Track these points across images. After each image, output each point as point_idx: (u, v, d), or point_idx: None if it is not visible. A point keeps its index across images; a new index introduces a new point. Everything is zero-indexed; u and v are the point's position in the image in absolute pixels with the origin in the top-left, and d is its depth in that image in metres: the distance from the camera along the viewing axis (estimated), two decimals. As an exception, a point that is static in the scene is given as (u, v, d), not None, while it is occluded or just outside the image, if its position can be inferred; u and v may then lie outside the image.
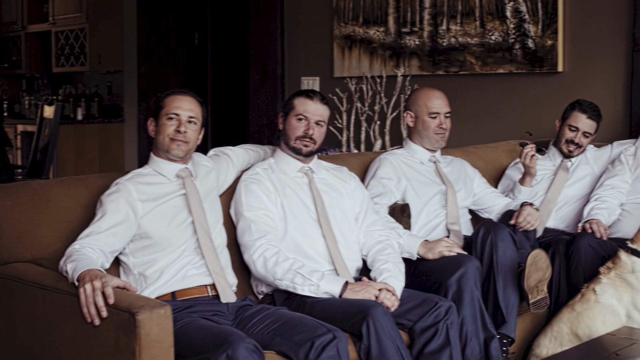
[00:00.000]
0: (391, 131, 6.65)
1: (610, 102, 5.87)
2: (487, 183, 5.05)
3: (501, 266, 4.23)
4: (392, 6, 6.94)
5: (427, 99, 4.77)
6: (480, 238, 4.31)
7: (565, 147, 5.24)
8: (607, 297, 4.00)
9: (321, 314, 3.63)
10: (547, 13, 6.08)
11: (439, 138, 4.76)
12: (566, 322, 4.16)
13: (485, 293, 4.26)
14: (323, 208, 4.07)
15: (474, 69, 6.51)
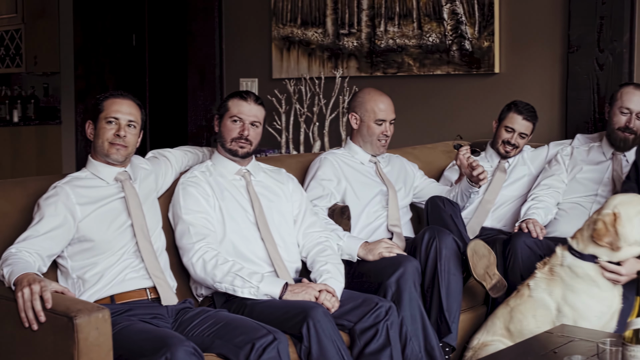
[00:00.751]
0: (330, 132, 6.66)
1: (547, 103, 5.93)
2: (425, 175, 5.11)
3: (445, 274, 4.28)
4: (330, 8, 6.95)
5: (375, 104, 4.78)
6: (425, 243, 4.34)
7: (502, 148, 5.29)
8: (540, 292, 4.03)
9: (261, 316, 3.63)
10: (484, 15, 6.13)
11: (381, 145, 4.78)
12: (500, 317, 4.20)
13: (430, 298, 4.30)
14: (261, 211, 4.07)
15: (411, 71, 6.54)
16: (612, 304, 3.96)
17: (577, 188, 5.07)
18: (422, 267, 4.31)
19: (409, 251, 4.42)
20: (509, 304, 4.19)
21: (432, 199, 4.77)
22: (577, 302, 3.94)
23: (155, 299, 3.70)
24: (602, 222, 3.89)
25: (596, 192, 4.97)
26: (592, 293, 3.94)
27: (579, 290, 3.95)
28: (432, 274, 4.29)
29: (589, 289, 3.93)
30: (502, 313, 4.20)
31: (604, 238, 3.87)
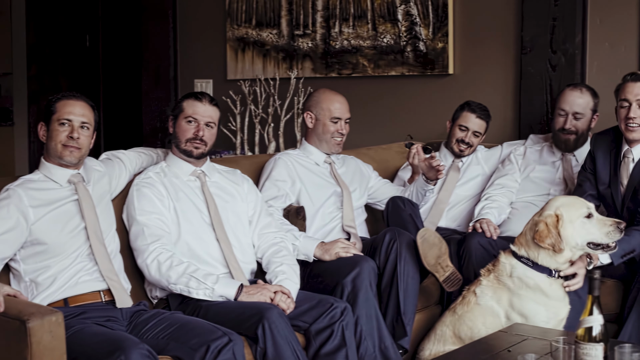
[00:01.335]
0: (285, 133, 6.66)
1: (500, 103, 5.98)
2: (379, 176, 5.12)
3: (404, 276, 4.31)
4: (284, 9, 6.95)
5: (330, 103, 4.79)
6: (385, 244, 4.36)
7: (456, 147, 5.32)
8: (487, 299, 4.03)
9: (216, 318, 3.62)
10: (438, 16, 6.16)
11: (337, 143, 4.78)
12: (448, 325, 4.19)
13: (387, 299, 4.32)
14: (216, 211, 4.06)
15: (366, 71, 6.56)
16: (560, 313, 3.98)
17: (530, 187, 5.11)
18: (381, 267, 4.34)
19: (367, 252, 4.43)
20: (456, 311, 4.18)
21: (392, 199, 4.79)
22: (525, 309, 3.95)
23: (110, 301, 3.69)
24: (544, 224, 3.88)
25: (549, 192, 5.02)
26: (540, 300, 3.96)
27: (526, 297, 3.95)
28: (391, 275, 4.31)
29: (536, 296, 3.95)
30: (451, 321, 4.19)
31: (545, 240, 3.86)
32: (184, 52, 7.66)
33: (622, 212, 4.49)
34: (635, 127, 4.41)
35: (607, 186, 4.58)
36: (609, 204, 4.58)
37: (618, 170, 4.53)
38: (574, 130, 4.99)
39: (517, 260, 4.00)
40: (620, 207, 4.51)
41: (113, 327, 3.53)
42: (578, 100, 4.98)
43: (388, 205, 4.78)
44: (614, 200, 4.53)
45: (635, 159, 4.49)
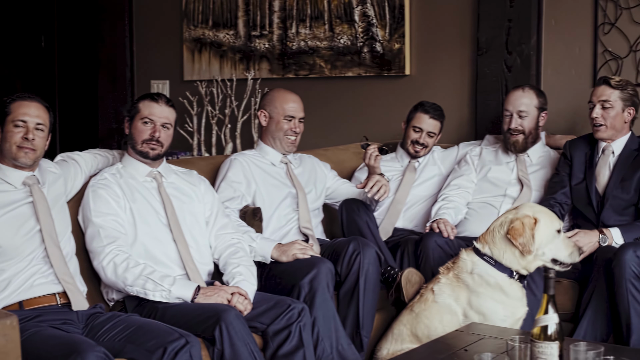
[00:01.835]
0: (242, 134, 6.65)
1: (457, 104, 6.01)
2: (337, 175, 5.12)
3: (366, 291, 4.34)
4: (241, 9, 6.94)
5: (284, 101, 4.79)
6: (349, 254, 4.37)
7: (411, 148, 5.34)
8: (445, 297, 4.06)
9: (173, 320, 3.61)
10: (395, 17, 6.18)
11: (290, 142, 4.78)
12: (406, 324, 4.20)
13: (346, 311, 4.35)
14: (173, 212, 4.04)
15: (323, 72, 6.56)
16: (517, 312, 4.01)
17: (486, 188, 5.14)
18: (342, 276, 4.37)
19: (329, 257, 4.44)
20: (413, 309, 4.20)
21: (346, 202, 4.81)
22: (483, 307, 3.98)
23: (65, 304, 3.66)
24: (521, 223, 3.93)
25: (505, 192, 5.05)
26: (499, 299, 3.98)
27: (485, 295, 3.98)
28: (352, 287, 4.34)
29: (496, 295, 3.98)
30: (408, 319, 4.20)
31: (518, 238, 3.90)
32: (141, 53, 7.62)
33: (597, 203, 4.69)
34: (599, 126, 4.68)
35: (582, 180, 4.78)
36: (581, 198, 4.76)
37: (594, 165, 4.73)
38: (520, 129, 5.04)
39: (480, 257, 4.03)
40: (598, 198, 4.69)
41: (69, 330, 3.50)
42: (520, 100, 5.05)
43: (341, 209, 4.80)
44: (588, 192, 4.73)
45: (615, 152, 4.72)
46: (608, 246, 4.37)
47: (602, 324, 4.22)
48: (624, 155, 4.71)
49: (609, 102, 4.66)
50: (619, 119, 4.69)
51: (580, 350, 2.95)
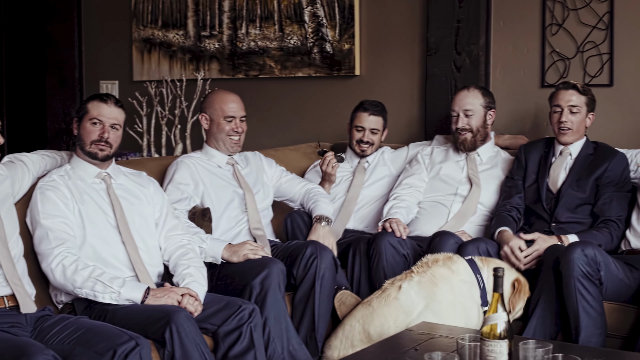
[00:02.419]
0: (192, 135, 6.61)
1: (406, 104, 6.03)
2: (284, 171, 5.11)
3: (321, 295, 4.36)
4: (191, 9, 6.91)
5: (223, 102, 4.78)
6: (305, 259, 4.39)
7: (357, 148, 5.37)
8: (410, 295, 4.05)
9: (123, 322, 3.59)
10: (344, 18, 6.19)
11: (234, 143, 4.77)
12: (359, 320, 4.17)
13: (301, 315, 4.36)
14: (122, 214, 4.01)
15: (273, 73, 6.56)
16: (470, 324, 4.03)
17: (438, 186, 5.17)
18: (298, 280, 4.39)
19: (283, 258, 4.45)
20: (371, 304, 4.18)
21: (291, 216, 4.83)
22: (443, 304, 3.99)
23: (14, 307, 3.62)
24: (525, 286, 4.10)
25: (456, 191, 5.08)
26: (458, 307, 4.00)
27: (460, 304, 4.00)
28: (308, 291, 4.37)
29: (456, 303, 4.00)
30: (363, 315, 4.18)
31: (519, 301, 4.05)
32: (89, 53, 7.56)
33: (550, 201, 4.79)
34: (567, 130, 4.77)
35: (535, 181, 4.87)
36: (534, 197, 4.86)
37: (548, 165, 4.84)
38: (468, 128, 5.10)
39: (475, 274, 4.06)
40: (551, 195, 4.79)
41: (17, 333, 3.47)
42: (466, 99, 5.12)
43: (286, 222, 4.82)
44: (539, 193, 4.82)
45: (573, 154, 4.81)
46: (556, 245, 4.42)
47: (551, 322, 4.26)
48: (581, 158, 4.81)
49: (577, 107, 4.75)
50: (582, 125, 4.81)
51: (529, 348, 2.97)
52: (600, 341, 4.12)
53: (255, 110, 6.29)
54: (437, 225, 4.94)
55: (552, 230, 4.69)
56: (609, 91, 5.34)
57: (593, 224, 4.69)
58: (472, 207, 5.00)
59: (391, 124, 5.65)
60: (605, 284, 4.17)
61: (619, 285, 4.25)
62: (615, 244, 4.62)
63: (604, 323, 4.16)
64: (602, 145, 4.86)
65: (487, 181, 5.08)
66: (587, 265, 4.09)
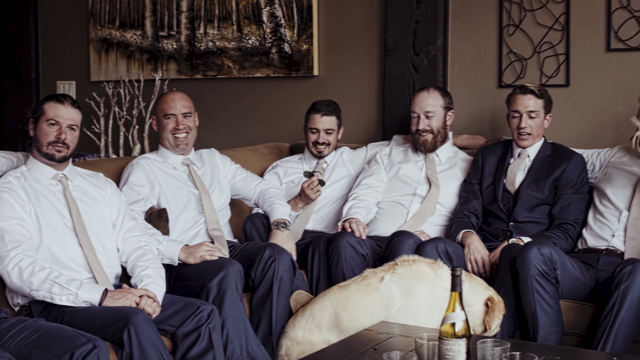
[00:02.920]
0: (150, 135, 6.58)
1: (365, 104, 6.04)
2: (239, 169, 5.10)
3: (279, 297, 4.37)
4: (149, 9, 6.88)
5: (164, 101, 4.83)
6: (264, 261, 4.39)
7: (314, 150, 5.38)
8: (392, 288, 4.00)
9: (81, 324, 3.56)
10: (303, 18, 6.19)
11: (179, 141, 4.76)
12: (333, 302, 4.10)
13: (258, 317, 4.37)
14: (79, 216, 3.99)
15: (231, 73, 6.54)
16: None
17: (397, 186, 5.18)
18: (256, 283, 4.40)
19: (242, 260, 4.45)
20: (349, 288, 4.10)
21: (251, 219, 4.83)
22: (418, 311, 3.99)
23: (-30, 310, 3.59)
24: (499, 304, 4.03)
25: (414, 192, 5.10)
26: (436, 311, 4.00)
27: (424, 301, 3.99)
28: (266, 294, 4.37)
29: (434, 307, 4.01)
30: (338, 297, 4.10)
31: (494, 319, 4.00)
32: (46, 52, 7.50)
33: (508, 201, 4.85)
34: (526, 135, 4.81)
35: (492, 183, 4.93)
36: (492, 198, 4.90)
37: (505, 166, 4.90)
38: (429, 129, 5.13)
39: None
40: (508, 196, 4.85)
41: (-27, 337, 3.44)
42: (426, 100, 5.14)
43: (246, 227, 4.82)
44: (495, 194, 4.88)
45: (531, 156, 4.87)
46: (513, 244, 4.45)
47: (508, 321, 4.29)
48: (539, 159, 4.87)
49: (535, 112, 4.81)
50: (541, 127, 4.87)
51: (487, 347, 2.99)
52: (557, 339, 4.15)
53: (213, 110, 6.28)
54: (396, 226, 4.95)
55: (509, 229, 4.73)
56: (566, 91, 5.38)
57: (551, 224, 4.74)
58: (431, 208, 5.02)
59: (349, 125, 5.67)
60: (561, 283, 4.21)
61: (575, 284, 4.29)
62: (571, 246, 4.67)
63: (561, 321, 4.20)
64: (560, 146, 4.91)
65: (446, 182, 5.10)
66: (544, 264, 4.12)
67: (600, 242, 4.60)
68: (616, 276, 4.09)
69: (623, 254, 4.49)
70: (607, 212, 4.64)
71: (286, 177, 5.42)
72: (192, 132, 4.81)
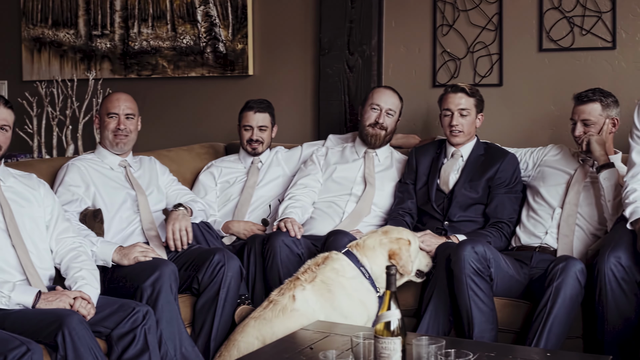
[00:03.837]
0: (84, 136, 6.53)
1: (300, 104, 6.05)
2: (175, 181, 5.08)
3: (225, 303, 4.36)
4: (82, 8, 6.81)
5: (108, 101, 4.81)
6: (212, 266, 4.37)
7: (249, 147, 5.38)
8: (310, 304, 4.00)
9: (14, 327, 3.51)
10: (238, 17, 6.18)
11: (119, 141, 4.74)
12: (258, 337, 4.00)
13: (202, 323, 4.35)
14: (11, 217, 3.93)
15: (166, 73, 6.51)
16: (372, 314, 4.05)
17: (333, 187, 5.19)
18: (203, 286, 4.38)
19: (189, 262, 4.45)
20: (266, 318, 4.01)
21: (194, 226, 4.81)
22: (350, 308, 3.98)
23: None
24: (399, 247, 4.06)
25: (350, 191, 5.12)
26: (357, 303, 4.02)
27: (356, 299, 4.00)
28: (213, 297, 4.35)
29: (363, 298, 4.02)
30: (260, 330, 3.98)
31: (399, 259, 4.03)
32: (-23, 52, 7.40)
33: (443, 201, 4.89)
34: (458, 133, 4.86)
35: (425, 183, 4.97)
36: (426, 198, 4.94)
37: (439, 166, 4.94)
38: (385, 126, 5.15)
39: (357, 268, 4.07)
40: (443, 195, 4.89)
41: None
42: (391, 99, 5.20)
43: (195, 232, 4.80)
44: (429, 194, 4.92)
45: (464, 156, 4.92)
46: (448, 243, 4.49)
47: (444, 319, 4.32)
48: (472, 159, 4.92)
49: (466, 109, 4.85)
50: (473, 126, 4.91)
51: (423, 345, 3.02)
52: (492, 336, 4.19)
53: (148, 110, 6.23)
54: (331, 225, 4.97)
55: (445, 228, 4.77)
56: (499, 91, 5.45)
57: (485, 222, 4.79)
58: (367, 207, 5.05)
59: (285, 124, 5.67)
60: (495, 280, 4.25)
61: (509, 281, 4.33)
62: (505, 244, 4.73)
63: (496, 318, 4.24)
64: (493, 146, 4.97)
65: (382, 182, 5.13)
66: (478, 262, 4.16)
67: (534, 240, 4.66)
68: (549, 273, 4.15)
69: (556, 251, 4.55)
70: (540, 210, 4.70)
71: (221, 177, 5.41)
72: (133, 134, 4.80)
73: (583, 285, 4.11)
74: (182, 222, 4.56)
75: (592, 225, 4.58)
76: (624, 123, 4.67)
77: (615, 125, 4.63)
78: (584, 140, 4.57)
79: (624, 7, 5.15)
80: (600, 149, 4.51)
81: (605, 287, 3.96)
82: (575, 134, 4.62)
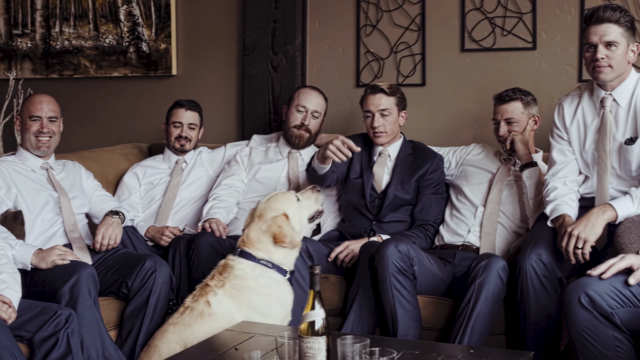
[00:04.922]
0: (4, 137, 6.43)
1: (224, 104, 6.04)
2: (99, 187, 5.03)
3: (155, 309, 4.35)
4: (1, 7, 6.71)
5: (30, 103, 4.74)
6: (144, 270, 4.35)
7: (177, 144, 5.36)
8: (227, 307, 3.95)
9: None
10: (161, 17, 6.14)
11: (42, 143, 4.69)
12: (179, 342, 3.90)
13: (131, 325, 4.33)
14: None
15: (88, 73, 6.44)
16: (288, 304, 4.05)
17: (257, 187, 5.20)
18: (133, 292, 4.35)
19: (116, 263, 4.44)
20: (184, 323, 3.92)
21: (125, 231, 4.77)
22: (268, 307, 3.97)
23: None
24: (277, 226, 4.00)
25: (274, 191, 5.12)
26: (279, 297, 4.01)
27: (271, 296, 3.99)
28: (143, 303, 4.33)
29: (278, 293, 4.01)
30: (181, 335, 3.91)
31: (285, 239, 3.98)
32: None
33: (374, 201, 4.90)
34: (381, 133, 4.87)
35: (359, 176, 4.97)
36: (358, 193, 4.96)
37: (371, 165, 4.96)
38: (310, 128, 5.18)
39: (257, 263, 4.03)
40: (375, 195, 4.90)
41: None
42: (318, 100, 5.22)
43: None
44: (363, 187, 4.92)
45: (392, 156, 4.95)
46: (372, 242, 4.52)
47: (368, 317, 4.35)
48: (400, 159, 4.95)
49: (387, 110, 4.86)
50: (395, 125, 4.92)
51: (347, 344, 3.02)
52: (416, 334, 4.23)
53: (70, 111, 6.14)
54: (258, 225, 4.97)
55: (373, 228, 4.80)
56: (422, 90, 5.49)
57: (412, 222, 4.83)
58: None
59: (208, 124, 5.65)
60: (419, 278, 4.28)
61: (433, 279, 4.37)
62: (430, 244, 4.77)
63: (420, 316, 4.27)
64: (420, 145, 5.01)
65: (307, 182, 5.13)
66: (401, 261, 4.19)
67: (457, 238, 4.71)
68: (472, 271, 4.20)
69: (478, 249, 4.61)
70: (463, 209, 4.76)
71: (145, 178, 5.38)
72: (56, 136, 4.74)
73: (505, 282, 4.16)
74: (115, 230, 4.55)
75: (514, 223, 4.65)
76: (544, 122, 4.74)
77: (536, 122, 4.70)
78: (508, 139, 4.63)
79: (544, 9, 5.23)
80: (523, 147, 4.58)
81: (527, 284, 4.01)
82: (500, 134, 4.68)
